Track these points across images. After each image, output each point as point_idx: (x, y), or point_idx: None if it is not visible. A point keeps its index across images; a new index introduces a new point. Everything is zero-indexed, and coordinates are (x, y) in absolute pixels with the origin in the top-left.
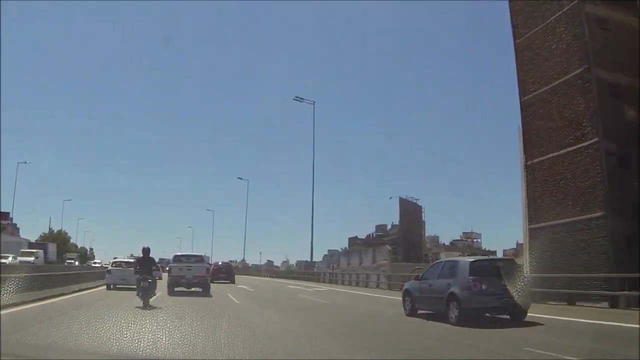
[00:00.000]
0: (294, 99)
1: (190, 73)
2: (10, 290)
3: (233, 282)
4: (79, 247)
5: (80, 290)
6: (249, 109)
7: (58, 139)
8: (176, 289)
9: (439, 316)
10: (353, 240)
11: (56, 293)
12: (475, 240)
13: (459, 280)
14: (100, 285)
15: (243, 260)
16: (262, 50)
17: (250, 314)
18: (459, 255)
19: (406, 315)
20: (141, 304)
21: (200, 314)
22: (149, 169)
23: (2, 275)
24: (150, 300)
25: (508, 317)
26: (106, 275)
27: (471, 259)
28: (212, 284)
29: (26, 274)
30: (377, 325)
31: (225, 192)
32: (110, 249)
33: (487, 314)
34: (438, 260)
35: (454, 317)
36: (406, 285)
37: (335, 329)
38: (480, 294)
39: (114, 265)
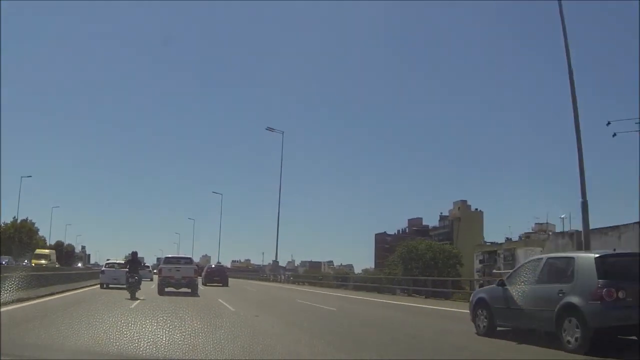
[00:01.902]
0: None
1: (186, 68)
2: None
3: (226, 285)
4: (65, 244)
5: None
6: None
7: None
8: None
9: (540, 338)
10: (381, 237)
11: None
12: (550, 232)
13: (580, 286)
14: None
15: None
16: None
17: None
18: (542, 252)
19: (478, 334)
20: (129, 296)
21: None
22: (142, 147)
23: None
24: (137, 293)
25: (635, 338)
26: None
27: (595, 253)
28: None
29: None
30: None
31: (230, 176)
32: (104, 249)
33: (619, 336)
34: (533, 257)
35: (572, 340)
36: (479, 294)
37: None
38: (618, 307)
39: (107, 266)
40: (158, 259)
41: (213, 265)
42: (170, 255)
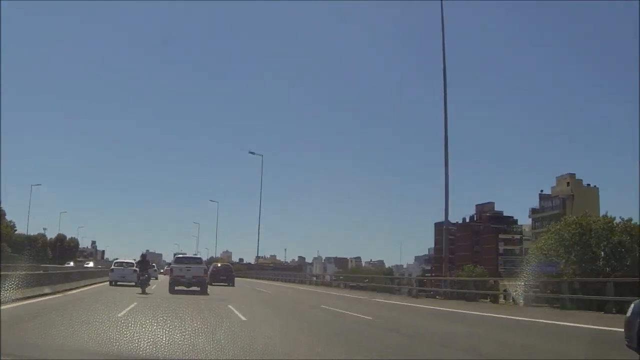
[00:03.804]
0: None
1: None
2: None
3: (232, 284)
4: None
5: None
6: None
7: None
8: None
9: None
10: (441, 227)
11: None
12: None
13: None
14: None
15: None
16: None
17: None
18: None
19: None
20: (140, 291)
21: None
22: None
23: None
24: (146, 288)
25: None
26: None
27: None
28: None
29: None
30: None
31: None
32: (117, 244)
33: None
34: None
35: None
36: None
37: None
38: None
39: (115, 265)
40: (175, 254)
41: (219, 265)
42: (180, 255)
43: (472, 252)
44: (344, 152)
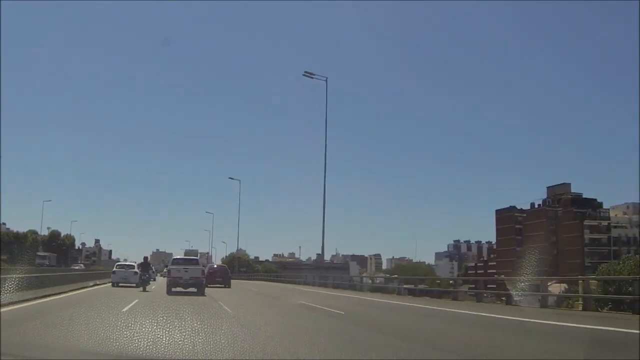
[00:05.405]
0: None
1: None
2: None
3: (229, 286)
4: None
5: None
6: None
7: None
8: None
9: None
10: (505, 214)
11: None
12: None
13: None
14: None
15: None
16: None
17: None
18: None
19: None
20: (141, 289)
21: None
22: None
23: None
24: (147, 287)
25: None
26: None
27: None
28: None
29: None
30: None
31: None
32: (125, 244)
33: None
34: None
35: None
36: None
37: None
38: None
39: (117, 267)
40: (185, 251)
41: (215, 265)
42: (178, 257)
43: (549, 243)
44: (349, 150)
